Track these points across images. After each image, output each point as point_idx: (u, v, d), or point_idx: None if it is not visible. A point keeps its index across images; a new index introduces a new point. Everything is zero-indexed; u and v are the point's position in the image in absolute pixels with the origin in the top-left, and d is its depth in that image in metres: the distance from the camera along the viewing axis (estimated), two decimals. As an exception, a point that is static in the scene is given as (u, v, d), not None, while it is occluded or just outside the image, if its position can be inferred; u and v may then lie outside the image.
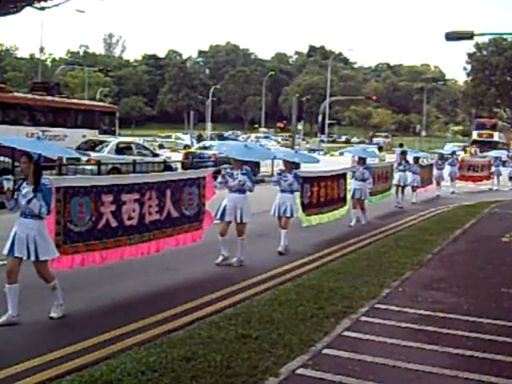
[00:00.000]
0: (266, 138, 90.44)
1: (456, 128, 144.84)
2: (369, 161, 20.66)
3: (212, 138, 77.55)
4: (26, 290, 8.56)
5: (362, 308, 9.06)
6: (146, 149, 30.65)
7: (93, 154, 26.39)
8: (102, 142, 28.95)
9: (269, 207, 14.64)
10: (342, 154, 36.62)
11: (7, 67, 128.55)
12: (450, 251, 14.26)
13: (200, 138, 64.50)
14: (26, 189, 8.17)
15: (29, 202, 8.09)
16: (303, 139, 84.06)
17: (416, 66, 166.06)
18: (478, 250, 14.77)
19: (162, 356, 6.79)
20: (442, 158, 31.74)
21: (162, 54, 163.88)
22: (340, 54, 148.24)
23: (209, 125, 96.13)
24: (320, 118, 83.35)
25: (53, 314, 8.47)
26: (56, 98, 34.39)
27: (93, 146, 28.60)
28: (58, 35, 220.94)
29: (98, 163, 24.59)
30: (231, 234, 12.51)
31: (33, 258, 8.17)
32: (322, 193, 16.47)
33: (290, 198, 14.11)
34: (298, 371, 6.57)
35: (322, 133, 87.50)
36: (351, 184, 18.52)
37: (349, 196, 18.39)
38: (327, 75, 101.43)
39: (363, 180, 18.66)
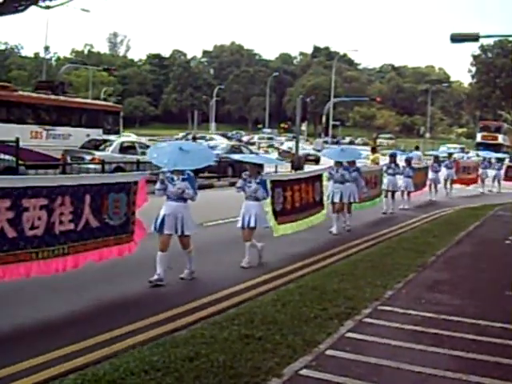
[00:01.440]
0: (269, 138, 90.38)
1: (460, 130, 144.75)
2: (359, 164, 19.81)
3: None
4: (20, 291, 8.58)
5: (366, 309, 9.05)
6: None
7: (97, 153, 26.43)
8: (105, 142, 28.98)
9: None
10: None
11: (12, 66, 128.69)
12: (453, 253, 14.24)
13: (194, 139, 63.93)
14: None
15: None
16: (307, 140, 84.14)
17: (420, 68, 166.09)
18: (483, 253, 14.77)
19: (165, 355, 6.78)
20: (438, 160, 30.04)
21: (166, 53, 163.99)
22: (345, 55, 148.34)
23: (213, 125, 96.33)
24: (324, 119, 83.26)
25: None
26: (60, 97, 34.43)
27: (97, 145, 28.63)
28: (63, 34, 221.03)
29: (102, 162, 24.61)
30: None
31: None
32: (296, 197, 15.00)
33: (255, 207, 12.50)
34: (301, 372, 6.56)
35: (326, 134, 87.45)
36: (328, 187, 17.20)
37: (326, 200, 17.03)
38: (331, 76, 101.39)
39: (342, 182, 17.19)
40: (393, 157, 23.43)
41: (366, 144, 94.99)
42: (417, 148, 38.98)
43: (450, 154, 34.31)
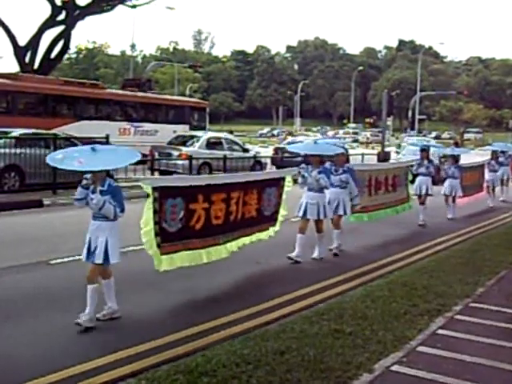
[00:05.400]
0: (355, 133, 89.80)
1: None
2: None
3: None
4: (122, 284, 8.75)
5: (456, 306, 8.92)
6: (237, 144, 30.81)
7: (184, 149, 26.74)
8: (192, 137, 29.29)
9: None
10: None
11: (99, 64, 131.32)
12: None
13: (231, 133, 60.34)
14: None
15: None
16: (392, 135, 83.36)
17: (509, 60, 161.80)
18: None
19: (256, 349, 6.84)
20: (497, 157, 24.05)
21: (250, 49, 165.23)
22: (430, 48, 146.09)
23: (298, 120, 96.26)
24: (410, 114, 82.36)
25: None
26: (148, 94, 35.11)
27: (184, 140, 28.96)
28: (149, 32, 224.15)
29: (190, 158, 24.89)
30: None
31: None
32: (216, 212, 10.31)
33: (103, 230, 8.04)
34: (393, 368, 6.52)
35: (412, 128, 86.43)
36: (303, 197, 12.48)
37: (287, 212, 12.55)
38: (417, 70, 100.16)
39: (319, 190, 12.26)
40: (425, 151, 18.47)
41: (452, 138, 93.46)
42: None
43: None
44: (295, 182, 12.69)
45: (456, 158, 20.14)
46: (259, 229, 11.77)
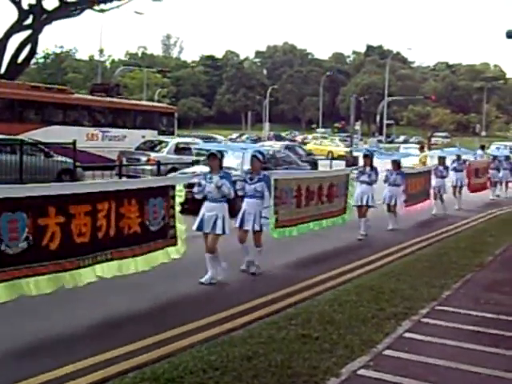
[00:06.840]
0: (323, 138, 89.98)
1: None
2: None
3: (269, 139, 77.77)
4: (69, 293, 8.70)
5: (423, 310, 8.99)
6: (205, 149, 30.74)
7: (152, 155, 26.67)
8: (160, 143, 29.22)
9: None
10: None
11: (67, 69, 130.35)
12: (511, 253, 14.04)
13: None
14: None
15: None
16: (361, 139, 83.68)
17: (475, 65, 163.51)
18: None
19: (223, 355, 6.83)
20: (444, 162, 22.40)
21: (219, 54, 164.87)
22: (398, 53, 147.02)
23: (266, 125, 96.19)
24: (378, 118, 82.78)
25: None
26: (116, 99, 34.99)
27: (152, 146, 28.88)
28: (117, 37, 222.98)
29: (158, 163, 24.83)
30: None
31: None
32: (80, 227, 8.29)
33: None
34: (359, 372, 6.55)
35: (380, 133, 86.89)
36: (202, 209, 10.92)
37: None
38: (385, 75, 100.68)
39: (222, 200, 10.75)
40: (368, 158, 16.61)
41: (420, 143, 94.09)
42: (482, 148, 35.14)
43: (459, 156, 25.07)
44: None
45: (398, 163, 18.19)
46: (150, 248, 9.72)
